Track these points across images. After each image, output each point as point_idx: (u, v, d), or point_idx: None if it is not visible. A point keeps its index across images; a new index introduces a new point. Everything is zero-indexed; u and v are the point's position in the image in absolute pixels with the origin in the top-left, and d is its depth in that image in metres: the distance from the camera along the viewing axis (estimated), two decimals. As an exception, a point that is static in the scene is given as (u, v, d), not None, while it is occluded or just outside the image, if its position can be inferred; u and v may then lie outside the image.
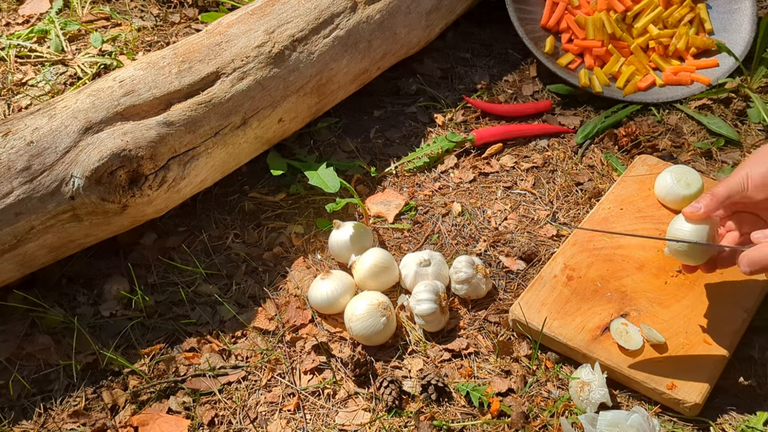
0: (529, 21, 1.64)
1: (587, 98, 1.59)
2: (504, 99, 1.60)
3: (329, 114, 1.54)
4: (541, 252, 1.27)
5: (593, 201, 1.35)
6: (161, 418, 1.06)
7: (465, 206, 1.36)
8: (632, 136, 1.46)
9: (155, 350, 1.15)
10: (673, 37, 1.62)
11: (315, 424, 1.06)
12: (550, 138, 1.51)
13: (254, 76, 1.29)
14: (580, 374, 1.06)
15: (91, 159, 1.12)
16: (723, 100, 1.56)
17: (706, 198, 1.02)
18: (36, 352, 1.15)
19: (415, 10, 1.53)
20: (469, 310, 1.20)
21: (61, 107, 1.18)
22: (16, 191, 1.10)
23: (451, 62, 1.69)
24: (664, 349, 1.08)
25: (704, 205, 1.02)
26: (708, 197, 1.02)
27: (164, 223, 1.33)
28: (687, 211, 1.03)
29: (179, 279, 1.25)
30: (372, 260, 1.19)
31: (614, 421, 0.98)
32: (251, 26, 1.34)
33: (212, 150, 1.26)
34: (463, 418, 1.05)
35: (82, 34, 1.75)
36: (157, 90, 1.22)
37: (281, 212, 1.36)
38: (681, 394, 1.02)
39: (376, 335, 1.12)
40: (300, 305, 1.21)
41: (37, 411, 1.08)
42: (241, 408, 1.08)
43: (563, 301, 1.14)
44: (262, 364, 1.13)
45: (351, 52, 1.42)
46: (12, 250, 1.11)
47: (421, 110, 1.58)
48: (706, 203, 1.02)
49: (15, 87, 1.60)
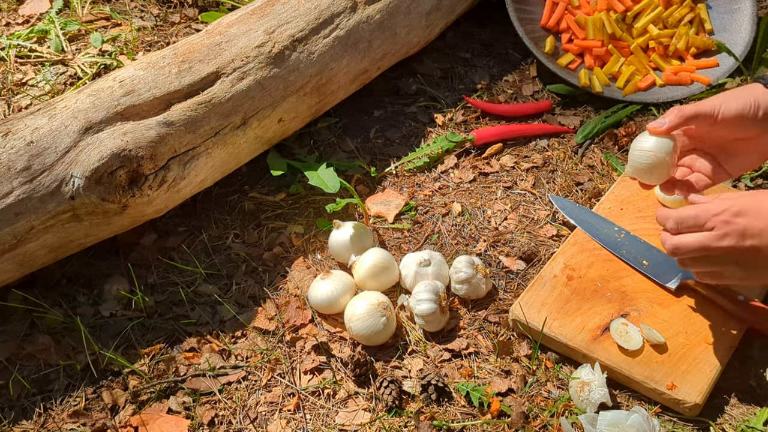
0: (529, 21, 1.64)
1: (587, 98, 1.59)
2: (504, 99, 1.60)
3: (329, 114, 1.54)
4: (541, 252, 1.27)
5: (593, 201, 1.35)
6: (161, 418, 1.06)
7: (465, 206, 1.36)
8: (632, 136, 1.46)
9: (155, 350, 1.15)
10: (673, 37, 1.62)
11: (315, 424, 1.06)
12: (550, 138, 1.51)
13: (254, 76, 1.29)
14: (580, 374, 1.06)
15: (91, 159, 1.12)
16: (723, 100, 1.56)
17: (673, 112, 1.02)
18: (36, 352, 1.15)
19: (415, 10, 1.53)
20: (469, 310, 1.20)
21: (61, 107, 1.18)
22: (16, 191, 1.10)
23: (451, 62, 1.69)
24: (664, 349, 1.08)
25: (669, 120, 1.01)
26: (675, 111, 1.01)
27: (164, 223, 1.33)
28: (651, 126, 1.02)
29: (179, 279, 1.25)
30: (372, 260, 1.19)
31: (614, 421, 0.98)
32: (251, 26, 1.34)
33: (212, 150, 1.26)
34: (463, 418, 1.05)
35: (82, 34, 1.75)
36: (157, 90, 1.22)
37: (281, 212, 1.36)
38: (681, 394, 1.02)
39: (376, 335, 1.12)
40: (300, 305, 1.21)
41: (37, 411, 1.08)
42: (241, 408, 1.08)
43: (563, 301, 1.14)
44: (262, 364, 1.13)
45: (351, 52, 1.43)
46: (12, 250, 1.11)
47: (421, 110, 1.58)
48: (671, 118, 1.01)
49: (15, 87, 1.60)
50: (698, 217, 0.95)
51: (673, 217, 0.97)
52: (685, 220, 0.96)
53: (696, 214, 0.95)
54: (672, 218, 0.97)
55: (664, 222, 0.99)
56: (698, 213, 0.95)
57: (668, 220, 0.98)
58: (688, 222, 0.96)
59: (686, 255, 0.97)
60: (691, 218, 0.96)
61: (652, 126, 1.02)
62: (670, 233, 0.98)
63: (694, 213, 0.95)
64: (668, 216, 0.98)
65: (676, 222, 0.97)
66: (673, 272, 1.15)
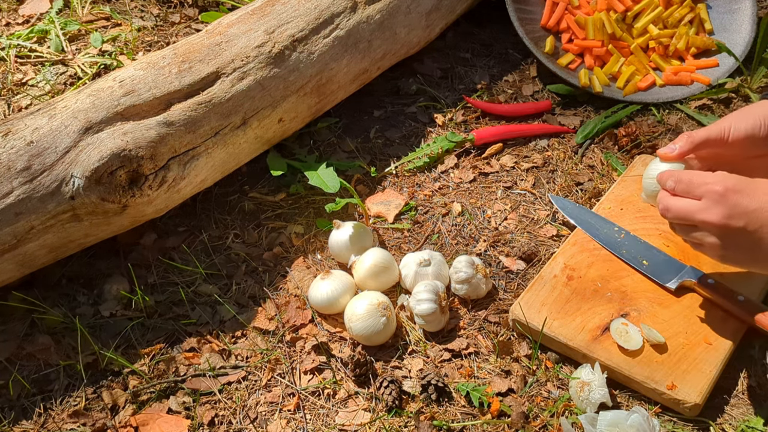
0: (529, 21, 1.64)
1: (587, 98, 1.59)
2: (504, 99, 1.60)
3: (329, 114, 1.54)
4: (541, 252, 1.27)
5: (593, 201, 1.35)
6: (161, 418, 1.06)
7: (465, 206, 1.36)
8: (632, 136, 1.46)
9: (155, 350, 1.15)
10: (673, 37, 1.62)
11: (315, 424, 1.06)
12: (550, 138, 1.51)
13: (254, 76, 1.30)
14: (580, 374, 1.06)
15: (91, 159, 1.12)
16: (723, 100, 1.56)
17: (683, 139, 1.01)
18: (36, 352, 1.15)
19: (415, 10, 1.53)
20: (469, 310, 1.20)
21: (61, 107, 1.18)
22: (16, 191, 1.10)
23: (451, 62, 1.69)
24: (664, 349, 1.08)
25: (679, 146, 1.01)
26: (685, 138, 1.01)
27: (164, 223, 1.33)
28: (661, 152, 1.02)
29: (179, 279, 1.25)
30: (372, 260, 1.19)
31: (614, 421, 0.98)
32: (251, 26, 1.34)
33: (212, 150, 1.26)
34: (463, 418, 1.05)
35: (82, 34, 1.75)
36: (157, 90, 1.22)
37: (281, 212, 1.36)
38: (681, 394, 1.02)
39: (376, 335, 1.12)
40: (300, 305, 1.21)
41: (37, 411, 1.08)
42: (241, 408, 1.08)
43: (563, 301, 1.14)
44: (262, 364, 1.13)
45: (351, 52, 1.43)
46: (12, 250, 1.11)
47: (421, 110, 1.58)
48: (681, 144, 1.01)
49: (15, 87, 1.60)
50: (691, 182, 0.95)
51: (673, 177, 0.97)
52: (680, 182, 0.96)
53: (690, 179, 0.95)
54: (671, 178, 0.97)
55: (664, 183, 0.99)
56: (692, 178, 0.95)
57: (668, 180, 0.98)
58: (682, 185, 0.96)
59: (672, 219, 0.97)
60: (684, 182, 0.95)
61: (662, 152, 1.02)
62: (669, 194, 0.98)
63: (689, 177, 0.95)
64: (669, 176, 0.98)
65: (674, 182, 0.97)
66: (673, 272, 1.15)
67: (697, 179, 0.95)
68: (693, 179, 0.95)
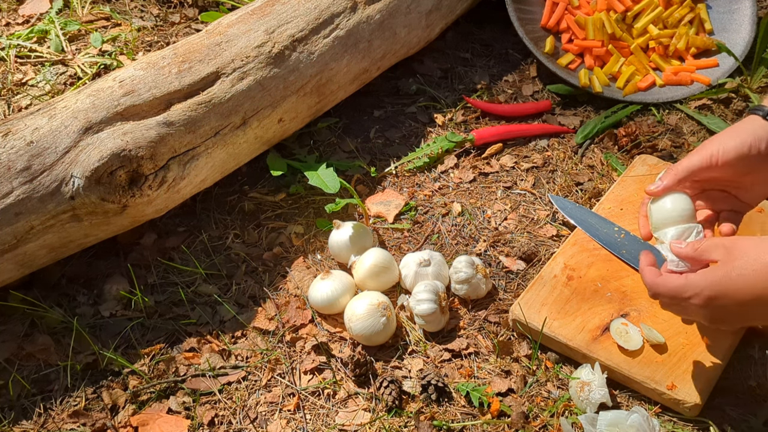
0: (529, 21, 1.64)
1: (587, 98, 1.59)
2: (504, 99, 1.60)
3: (329, 114, 1.54)
4: (541, 252, 1.27)
5: (593, 201, 1.35)
6: (161, 418, 1.06)
7: (465, 206, 1.36)
8: (632, 136, 1.46)
9: (155, 350, 1.15)
10: (673, 37, 1.63)
11: (315, 424, 1.06)
12: (550, 138, 1.51)
13: (254, 76, 1.29)
14: (580, 374, 1.06)
15: (91, 159, 1.12)
16: (723, 100, 1.56)
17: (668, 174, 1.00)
18: (36, 352, 1.15)
19: (415, 10, 1.53)
20: (469, 310, 1.20)
21: (61, 107, 1.18)
22: (16, 191, 1.10)
23: (451, 62, 1.69)
24: (664, 349, 1.08)
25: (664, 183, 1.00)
26: (670, 172, 1.00)
27: (164, 223, 1.33)
28: (648, 190, 1.01)
29: (179, 279, 1.25)
30: (372, 260, 1.19)
31: (614, 421, 0.98)
32: (251, 26, 1.34)
33: (212, 150, 1.26)
34: (463, 418, 1.05)
35: (82, 34, 1.75)
36: (157, 90, 1.22)
37: (281, 212, 1.36)
38: (681, 394, 1.02)
39: (376, 335, 1.12)
40: (300, 305, 1.21)
41: (37, 411, 1.08)
42: (241, 408, 1.08)
43: (563, 301, 1.14)
44: (262, 364, 1.13)
45: (351, 52, 1.43)
46: (12, 250, 1.11)
47: (421, 110, 1.58)
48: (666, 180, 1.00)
49: (15, 87, 1.60)
50: (673, 299, 0.94)
51: (652, 290, 0.96)
52: (661, 296, 0.95)
53: (671, 294, 0.93)
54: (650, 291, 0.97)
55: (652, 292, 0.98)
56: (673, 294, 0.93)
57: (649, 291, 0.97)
58: (665, 300, 0.95)
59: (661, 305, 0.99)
60: (667, 297, 0.95)
61: (649, 190, 1.01)
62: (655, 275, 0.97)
63: (668, 294, 0.94)
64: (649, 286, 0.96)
65: (655, 296, 0.96)
66: None
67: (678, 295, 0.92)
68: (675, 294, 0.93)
